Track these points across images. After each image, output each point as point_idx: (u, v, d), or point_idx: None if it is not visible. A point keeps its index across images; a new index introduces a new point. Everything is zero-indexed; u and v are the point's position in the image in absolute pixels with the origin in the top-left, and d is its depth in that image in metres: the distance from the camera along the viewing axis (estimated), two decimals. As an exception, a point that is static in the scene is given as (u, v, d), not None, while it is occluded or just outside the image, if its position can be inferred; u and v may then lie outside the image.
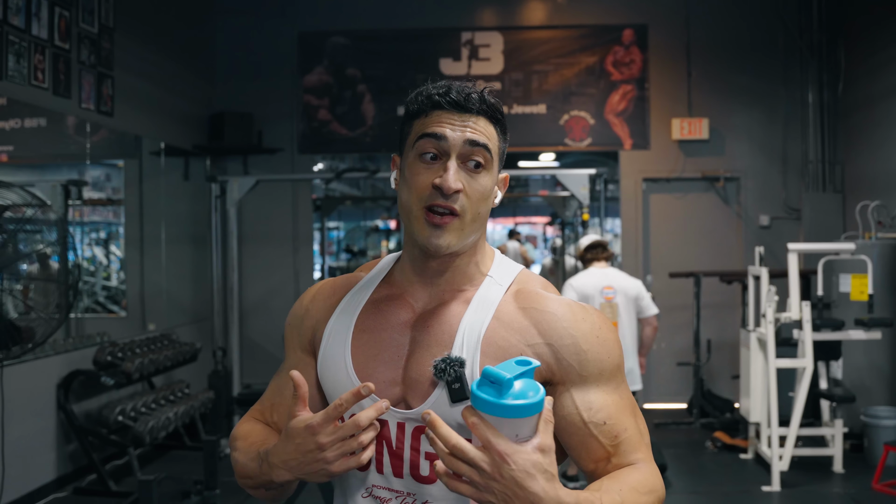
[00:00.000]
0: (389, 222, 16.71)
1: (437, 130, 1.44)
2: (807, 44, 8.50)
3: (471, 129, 1.45)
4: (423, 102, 1.48)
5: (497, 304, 1.48)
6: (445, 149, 1.44)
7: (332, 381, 1.52)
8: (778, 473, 5.90)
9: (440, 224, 1.44)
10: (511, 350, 1.43)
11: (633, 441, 1.45)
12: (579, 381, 1.44)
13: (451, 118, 1.45)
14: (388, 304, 1.54)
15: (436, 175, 1.44)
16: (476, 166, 1.46)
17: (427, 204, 1.44)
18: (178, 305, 7.95)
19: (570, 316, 1.46)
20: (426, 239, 1.45)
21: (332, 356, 1.52)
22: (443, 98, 1.46)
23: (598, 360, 1.44)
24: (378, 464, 1.47)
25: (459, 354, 1.42)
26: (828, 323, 6.20)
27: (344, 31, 8.84)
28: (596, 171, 7.32)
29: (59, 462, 5.79)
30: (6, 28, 5.39)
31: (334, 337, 1.54)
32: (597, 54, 8.70)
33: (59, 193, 6.13)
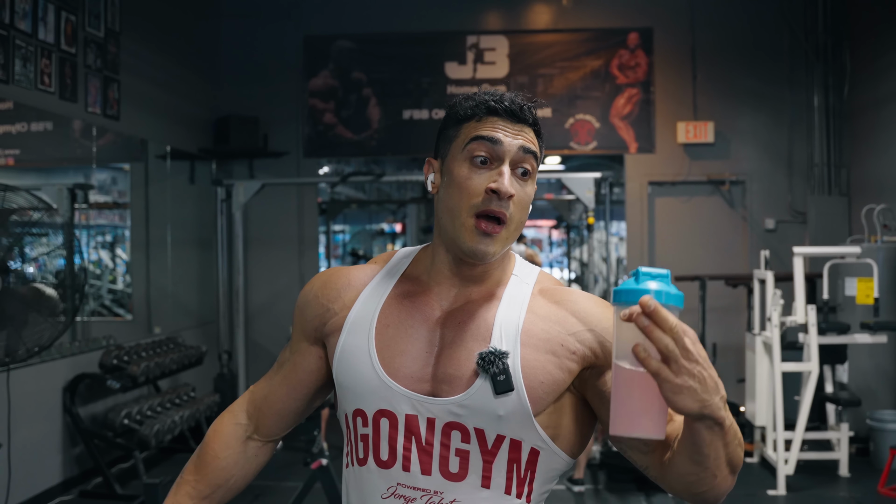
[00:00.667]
0: (395, 225, 16.73)
1: (493, 135, 1.46)
2: (812, 46, 8.49)
3: (523, 138, 1.48)
4: (476, 107, 1.49)
5: (528, 300, 1.51)
6: (499, 154, 1.46)
7: (354, 376, 1.50)
8: (783, 477, 5.89)
9: (490, 233, 1.46)
10: (552, 340, 1.46)
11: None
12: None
13: (505, 125, 1.48)
14: (412, 299, 1.54)
15: (488, 179, 1.45)
16: (524, 174, 1.49)
17: (480, 210, 1.45)
18: (183, 309, 7.97)
19: (601, 305, 1.52)
20: (474, 246, 1.46)
21: (354, 350, 1.51)
22: (498, 104, 1.48)
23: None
24: (405, 461, 1.45)
25: (493, 346, 1.44)
26: (833, 326, 6.19)
27: (349, 35, 8.85)
28: (601, 175, 7.32)
29: (64, 465, 5.81)
30: (13, 32, 5.41)
31: (355, 330, 1.53)
32: (602, 58, 8.70)
33: (65, 197, 6.14)
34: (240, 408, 1.74)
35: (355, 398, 1.50)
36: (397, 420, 1.45)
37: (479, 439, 1.43)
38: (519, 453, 1.44)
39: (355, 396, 1.50)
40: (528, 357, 1.44)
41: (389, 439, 1.46)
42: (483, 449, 1.43)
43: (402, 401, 1.45)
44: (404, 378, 1.46)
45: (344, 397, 1.53)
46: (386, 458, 1.46)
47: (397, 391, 1.45)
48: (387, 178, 7.79)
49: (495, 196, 1.44)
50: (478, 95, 1.51)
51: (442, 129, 1.56)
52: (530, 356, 1.44)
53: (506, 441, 1.43)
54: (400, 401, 1.45)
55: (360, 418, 1.50)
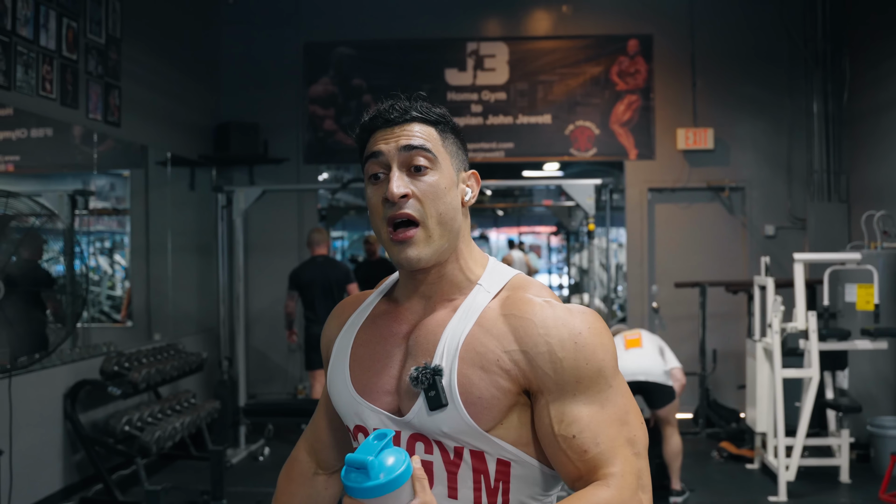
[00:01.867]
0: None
1: (374, 148, 1.48)
2: (811, 54, 8.51)
3: (405, 136, 1.47)
4: (361, 135, 1.53)
5: (481, 311, 1.47)
6: (385, 163, 1.47)
7: (336, 395, 1.58)
8: (784, 483, 5.89)
9: (404, 239, 1.46)
10: (488, 355, 1.41)
11: (606, 455, 1.38)
12: (555, 389, 1.40)
13: (386, 135, 1.49)
14: (385, 318, 1.58)
15: (383, 191, 1.47)
16: (418, 169, 1.47)
17: (387, 221, 1.47)
18: (183, 315, 7.96)
19: (550, 322, 1.41)
20: (398, 256, 1.47)
21: (336, 371, 1.58)
22: (373, 121, 1.50)
23: (574, 367, 1.39)
24: None
25: (439, 362, 1.43)
26: (834, 333, 6.19)
27: (349, 42, 8.87)
28: (602, 182, 7.32)
29: (65, 472, 5.80)
30: (15, 39, 5.42)
31: (338, 353, 1.60)
32: (602, 64, 8.71)
33: (65, 203, 6.13)
34: (299, 449, 1.81)
35: (341, 416, 1.59)
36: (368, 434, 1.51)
37: (440, 450, 1.44)
38: (484, 464, 1.43)
39: (341, 414, 1.59)
40: (463, 373, 1.41)
41: None
42: (446, 459, 1.44)
43: (370, 416, 1.51)
44: (373, 394, 1.51)
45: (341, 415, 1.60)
46: None
47: (365, 406, 1.51)
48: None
49: (389, 204, 1.45)
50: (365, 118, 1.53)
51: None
52: (466, 371, 1.41)
53: (465, 451, 1.42)
54: (369, 416, 1.51)
55: (349, 433, 1.60)
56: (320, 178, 9.87)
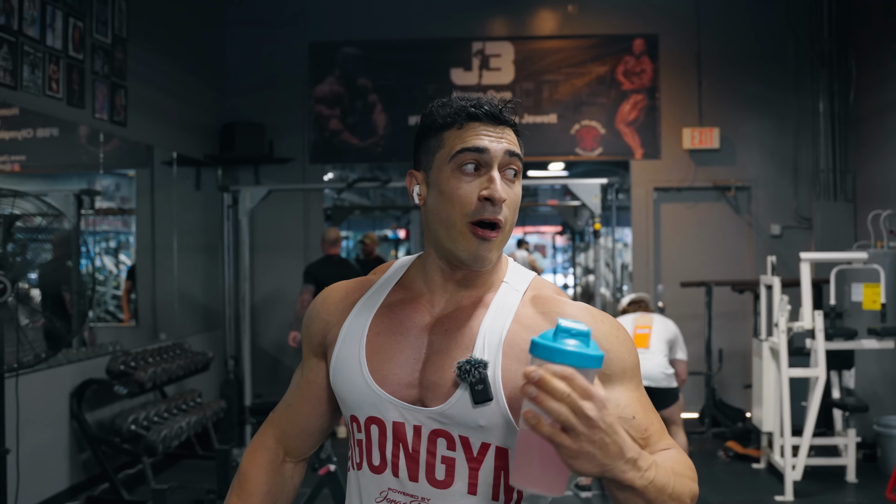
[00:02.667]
0: (399, 231, 16.73)
1: (479, 144, 1.46)
2: (817, 53, 8.50)
3: (507, 141, 1.48)
4: (455, 115, 1.49)
5: (516, 309, 1.50)
6: (487, 161, 1.46)
7: (346, 383, 1.52)
8: (791, 483, 5.88)
9: (489, 238, 1.46)
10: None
11: (660, 432, 1.49)
12: (605, 379, 1.44)
13: (488, 130, 1.47)
14: (403, 307, 1.55)
15: (479, 187, 1.46)
16: (514, 175, 1.49)
17: (475, 218, 1.45)
18: (189, 315, 7.97)
19: (589, 318, 1.48)
20: (473, 252, 1.46)
21: (346, 358, 1.53)
22: (478, 109, 1.47)
23: (620, 358, 1.47)
24: (394, 467, 1.47)
25: (482, 356, 1.43)
26: (840, 332, 6.18)
27: (355, 42, 8.87)
28: (607, 181, 7.32)
29: (72, 471, 5.80)
30: (21, 39, 5.43)
31: (348, 339, 1.55)
32: (607, 64, 8.71)
33: (71, 203, 6.14)
34: (267, 435, 1.75)
35: (349, 405, 1.53)
36: (385, 427, 1.48)
37: (464, 447, 1.44)
38: (506, 461, 1.44)
39: (349, 404, 1.53)
40: (508, 367, 1.43)
41: (379, 445, 1.48)
42: (469, 456, 1.44)
43: (389, 408, 1.47)
44: (392, 385, 1.48)
45: (342, 404, 1.57)
46: (377, 464, 1.49)
47: (385, 398, 1.47)
48: (392, 184, 7.77)
49: (489, 203, 1.45)
50: (454, 102, 1.50)
51: (420, 140, 1.55)
52: (511, 367, 1.43)
53: (491, 448, 1.44)
54: (387, 408, 1.47)
55: (355, 424, 1.53)
56: (326, 177, 9.88)
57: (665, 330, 5.94)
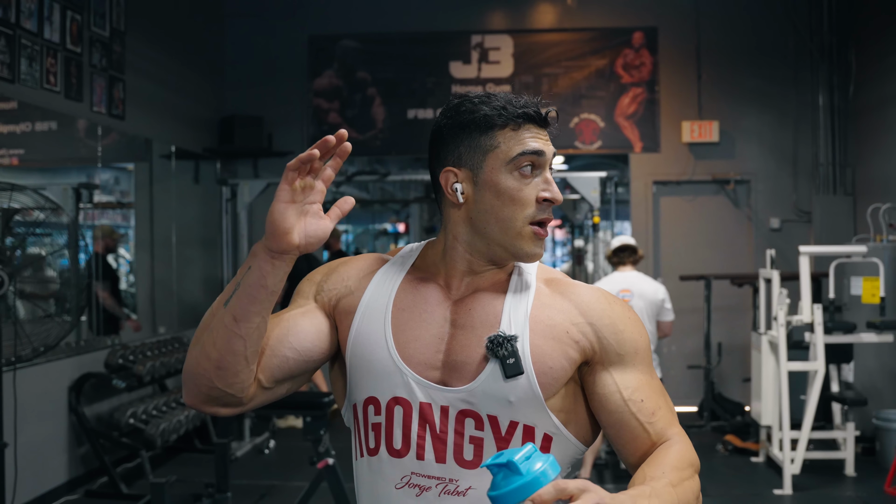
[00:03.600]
0: (398, 225, 16.71)
1: (537, 146, 1.49)
2: (817, 46, 8.48)
3: (550, 142, 1.54)
4: (510, 116, 1.49)
5: (534, 289, 1.54)
6: (542, 163, 1.51)
7: (369, 359, 1.49)
8: (789, 477, 5.88)
9: (543, 236, 1.52)
10: (557, 327, 1.48)
11: (668, 418, 1.51)
12: (617, 360, 1.50)
13: (540, 132, 1.52)
14: (424, 286, 1.55)
15: (535, 189, 1.50)
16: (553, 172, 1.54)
17: (535, 219, 1.50)
18: (188, 308, 7.96)
19: (603, 300, 1.53)
20: (532, 251, 1.51)
21: (369, 332, 1.51)
22: (535, 113, 1.51)
23: (633, 339, 1.51)
24: (419, 449, 1.45)
25: (502, 331, 1.46)
26: (839, 326, 6.18)
27: (354, 35, 8.85)
28: (607, 174, 7.31)
29: (70, 465, 5.80)
30: (19, 31, 5.42)
31: (371, 313, 1.52)
32: (607, 57, 8.69)
33: (70, 197, 6.13)
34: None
35: (368, 385, 1.50)
36: (412, 408, 1.46)
37: (492, 426, 1.45)
38: (532, 439, 1.46)
39: (369, 383, 1.49)
40: (536, 342, 1.46)
41: (403, 427, 1.46)
42: (497, 436, 1.45)
43: (415, 388, 1.46)
44: (418, 365, 1.47)
45: (356, 384, 1.52)
46: (399, 447, 1.47)
47: (412, 378, 1.47)
48: (392, 177, 7.79)
49: (548, 204, 1.50)
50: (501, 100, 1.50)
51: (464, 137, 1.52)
52: (538, 342, 1.46)
53: (519, 427, 1.45)
54: (414, 388, 1.46)
55: (371, 406, 1.50)
56: (325, 171, 9.85)
57: (646, 298, 5.85)
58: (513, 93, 1.54)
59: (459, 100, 1.54)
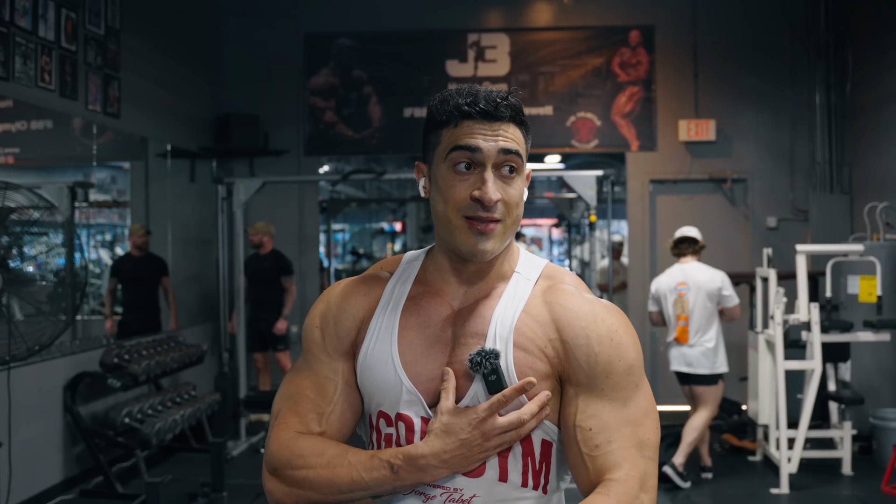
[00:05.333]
0: (395, 224, 16.71)
1: (471, 142, 1.45)
2: (814, 45, 8.47)
3: (503, 138, 1.46)
4: (451, 112, 1.47)
5: (526, 298, 1.51)
6: (480, 160, 1.45)
7: (377, 379, 1.51)
8: (786, 475, 5.88)
9: (485, 231, 1.46)
10: (537, 341, 1.46)
11: (616, 455, 1.42)
12: (586, 382, 1.45)
13: (482, 128, 1.46)
14: (427, 300, 1.55)
15: (472, 186, 1.45)
16: (510, 171, 1.48)
17: (466, 214, 1.45)
18: (184, 307, 7.94)
19: (589, 316, 1.47)
20: (472, 246, 1.46)
21: (378, 354, 1.52)
22: (472, 108, 1.46)
23: (608, 362, 1.45)
24: None
25: (493, 346, 1.45)
26: (836, 324, 6.17)
27: (350, 33, 8.84)
28: (603, 173, 7.30)
29: (65, 464, 5.79)
30: (13, 30, 5.40)
31: (379, 335, 1.53)
32: (603, 56, 8.68)
33: (65, 195, 6.12)
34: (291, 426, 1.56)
35: (379, 401, 1.51)
36: (413, 424, 1.48)
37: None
38: (531, 445, 1.47)
39: (379, 400, 1.51)
40: (519, 357, 1.45)
41: (407, 441, 1.47)
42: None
43: (418, 405, 1.48)
44: (424, 382, 1.48)
45: (370, 400, 1.54)
46: None
47: (416, 396, 1.48)
48: (388, 176, 7.74)
49: (479, 204, 1.44)
50: (452, 97, 1.49)
51: (425, 133, 1.55)
52: (520, 356, 1.45)
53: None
54: (417, 406, 1.48)
55: (383, 419, 1.52)
56: (321, 170, 9.85)
57: (703, 289, 6.07)
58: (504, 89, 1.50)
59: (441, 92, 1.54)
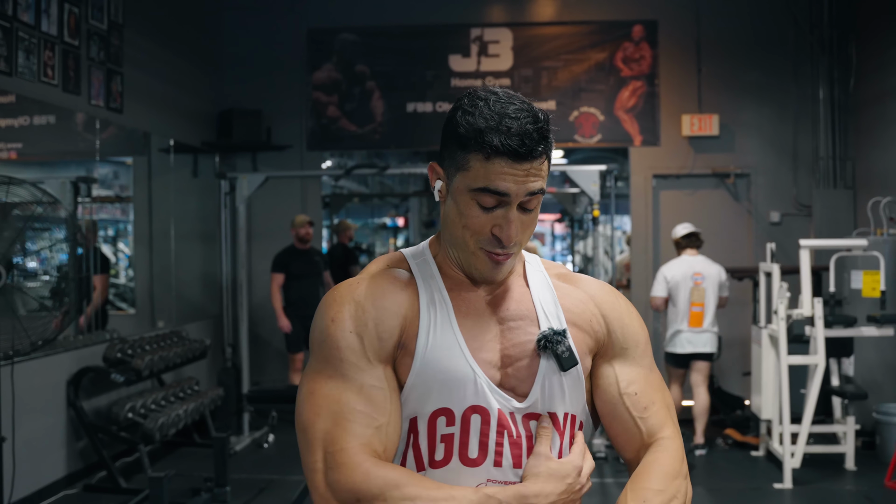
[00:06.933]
0: (397, 219, 16.69)
1: (501, 187, 1.40)
2: (818, 39, 8.46)
3: (532, 177, 1.42)
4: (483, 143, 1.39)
5: (551, 282, 1.58)
6: (507, 201, 1.42)
7: (445, 371, 1.43)
8: (790, 471, 5.88)
9: (500, 262, 1.48)
10: (585, 316, 1.55)
11: (661, 415, 1.55)
12: (620, 352, 1.56)
13: (514, 169, 1.40)
14: (461, 292, 1.53)
15: (494, 220, 1.43)
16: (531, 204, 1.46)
17: (485, 248, 1.46)
18: (187, 302, 7.95)
19: (611, 292, 1.61)
20: (484, 273, 1.49)
21: (444, 346, 1.45)
22: (506, 147, 1.38)
23: (635, 332, 1.58)
24: (497, 456, 1.45)
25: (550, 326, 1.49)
26: (840, 319, 6.17)
27: (353, 28, 8.83)
28: (606, 168, 7.29)
29: (69, 459, 5.80)
30: (16, 24, 5.39)
31: (438, 327, 1.46)
32: (606, 50, 8.67)
33: (68, 191, 6.12)
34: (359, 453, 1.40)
35: (442, 397, 1.44)
36: (490, 416, 1.45)
37: (553, 422, 1.49)
38: (574, 428, 1.52)
39: (442, 395, 1.44)
40: (574, 334, 1.53)
41: (481, 435, 1.44)
42: (557, 430, 1.49)
43: (490, 397, 1.45)
44: (490, 371, 1.47)
45: (423, 399, 1.44)
46: (475, 456, 1.44)
47: (487, 386, 1.45)
48: (391, 171, 7.75)
49: (498, 241, 1.44)
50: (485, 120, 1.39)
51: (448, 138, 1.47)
52: (575, 333, 1.53)
53: (569, 418, 1.51)
54: (489, 396, 1.45)
55: (443, 418, 1.44)
56: (324, 165, 9.84)
57: (713, 279, 6.82)
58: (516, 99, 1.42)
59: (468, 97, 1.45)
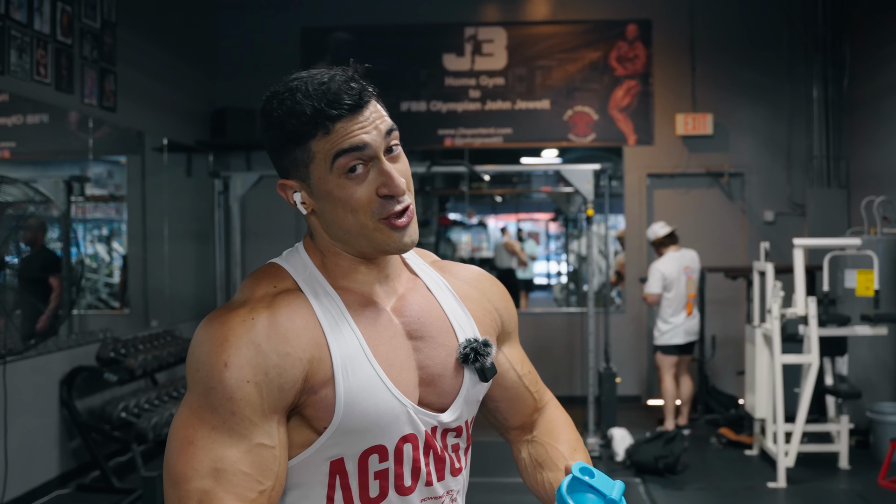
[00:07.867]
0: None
1: (356, 142, 1.30)
2: (811, 39, 8.47)
3: (378, 120, 1.34)
4: (313, 122, 1.30)
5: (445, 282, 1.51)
6: (371, 154, 1.31)
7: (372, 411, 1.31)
8: (783, 470, 5.88)
9: (406, 224, 1.34)
10: (487, 318, 1.52)
11: (541, 382, 1.66)
12: (506, 337, 1.58)
13: (357, 122, 1.31)
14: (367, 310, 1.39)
15: (374, 184, 1.32)
16: (391, 151, 1.36)
17: (383, 216, 1.32)
18: (180, 302, 7.94)
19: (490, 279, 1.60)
20: (398, 243, 1.34)
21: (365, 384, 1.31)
22: (339, 109, 1.30)
23: (513, 314, 1.60)
24: (427, 476, 1.39)
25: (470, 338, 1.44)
26: (833, 318, 6.17)
27: (347, 27, 8.82)
28: (600, 167, 7.29)
29: (62, 459, 5.78)
30: (8, 23, 5.37)
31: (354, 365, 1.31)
32: (600, 49, 8.67)
33: (61, 190, 6.10)
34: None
35: (375, 436, 1.33)
36: (418, 441, 1.37)
37: (466, 431, 1.48)
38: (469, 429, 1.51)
39: (375, 434, 1.33)
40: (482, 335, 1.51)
41: (413, 461, 1.37)
42: (465, 437, 1.49)
43: (416, 420, 1.37)
44: (412, 394, 1.37)
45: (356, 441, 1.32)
46: (409, 484, 1.37)
47: (413, 412, 1.36)
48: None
49: (390, 199, 1.32)
50: (303, 104, 1.31)
51: (281, 148, 1.37)
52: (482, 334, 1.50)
53: (471, 422, 1.50)
54: (417, 421, 1.37)
55: (375, 455, 1.34)
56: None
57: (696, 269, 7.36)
58: (305, 73, 1.38)
59: (267, 102, 1.38)
